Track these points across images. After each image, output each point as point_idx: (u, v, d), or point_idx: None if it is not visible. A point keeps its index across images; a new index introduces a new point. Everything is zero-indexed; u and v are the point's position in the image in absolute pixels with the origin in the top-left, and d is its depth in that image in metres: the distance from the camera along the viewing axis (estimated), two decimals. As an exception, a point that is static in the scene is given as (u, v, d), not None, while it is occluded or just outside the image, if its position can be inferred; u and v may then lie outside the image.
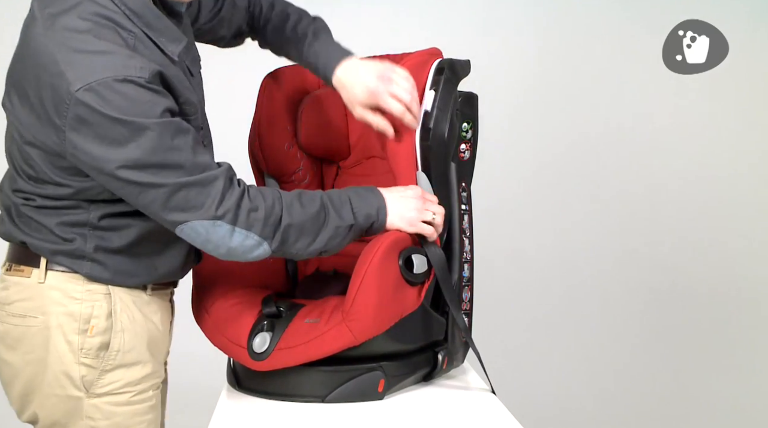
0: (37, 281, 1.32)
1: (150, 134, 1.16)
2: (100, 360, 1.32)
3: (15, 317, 1.33)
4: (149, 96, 1.17)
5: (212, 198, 1.22)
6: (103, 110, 1.14)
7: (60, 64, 1.16)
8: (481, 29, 3.29)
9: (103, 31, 1.20)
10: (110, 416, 1.34)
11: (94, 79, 1.14)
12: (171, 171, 1.19)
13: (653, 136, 3.35)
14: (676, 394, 3.17)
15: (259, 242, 1.27)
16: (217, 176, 1.23)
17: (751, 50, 3.22)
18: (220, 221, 1.23)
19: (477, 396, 1.51)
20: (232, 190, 1.25)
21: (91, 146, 1.17)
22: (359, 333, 1.38)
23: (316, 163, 1.75)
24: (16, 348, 1.34)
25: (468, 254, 1.58)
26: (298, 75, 1.71)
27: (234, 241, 1.25)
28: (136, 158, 1.17)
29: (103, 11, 1.21)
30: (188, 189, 1.20)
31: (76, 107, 1.15)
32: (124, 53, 1.19)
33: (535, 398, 2.94)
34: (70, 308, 1.31)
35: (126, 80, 1.15)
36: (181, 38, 1.31)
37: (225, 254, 1.28)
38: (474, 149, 1.61)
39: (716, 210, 3.36)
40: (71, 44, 1.17)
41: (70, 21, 1.19)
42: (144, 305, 1.38)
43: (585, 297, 3.33)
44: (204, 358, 1.63)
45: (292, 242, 1.30)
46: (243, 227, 1.25)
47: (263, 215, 1.26)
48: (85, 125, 1.16)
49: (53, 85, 1.17)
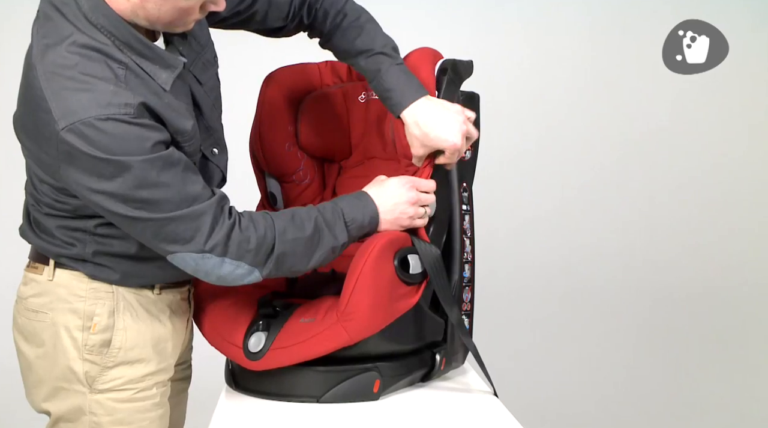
0: (47, 279, 1.36)
1: (134, 172, 1.17)
2: (102, 357, 1.35)
3: (30, 312, 1.38)
4: (137, 131, 1.17)
5: (201, 232, 1.22)
6: (86, 150, 1.15)
7: (48, 101, 1.17)
8: (482, 29, 3.29)
9: (90, 64, 1.19)
10: (112, 412, 1.36)
11: (78, 118, 1.15)
12: (158, 206, 1.20)
13: (654, 136, 3.35)
14: (679, 397, 3.16)
15: (250, 270, 1.28)
16: (205, 211, 1.23)
17: (751, 50, 3.22)
18: (209, 254, 1.24)
19: (475, 397, 1.50)
20: (222, 223, 1.25)
21: (80, 178, 1.18)
22: (354, 333, 1.38)
23: (318, 162, 1.75)
24: (31, 342, 1.38)
25: (469, 254, 1.58)
26: (298, 75, 1.71)
27: (224, 270, 1.26)
28: (123, 193, 1.18)
29: (92, 43, 1.20)
30: (176, 223, 1.21)
31: (62, 144, 1.16)
32: (109, 90, 1.18)
33: (536, 399, 2.93)
34: (74, 305, 1.35)
35: (109, 119, 1.15)
36: (175, 64, 1.29)
37: (215, 281, 1.29)
38: (476, 149, 1.60)
39: (717, 211, 3.36)
40: (58, 81, 1.18)
41: (59, 55, 1.19)
42: (150, 304, 1.40)
43: (587, 298, 3.33)
44: (204, 358, 1.62)
45: (286, 267, 1.32)
46: (234, 258, 1.26)
47: (255, 245, 1.27)
48: (73, 160, 1.17)
49: (44, 120, 1.18)
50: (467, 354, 1.62)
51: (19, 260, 1.48)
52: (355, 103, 1.71)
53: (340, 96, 1.71)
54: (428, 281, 1.44)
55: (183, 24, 1.28)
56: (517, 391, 1.95)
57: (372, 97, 1.69)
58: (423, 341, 1.51)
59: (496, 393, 1.50)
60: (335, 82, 1.74)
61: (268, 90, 1.68)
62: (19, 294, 1.41)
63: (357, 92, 1.71)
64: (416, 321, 1.48)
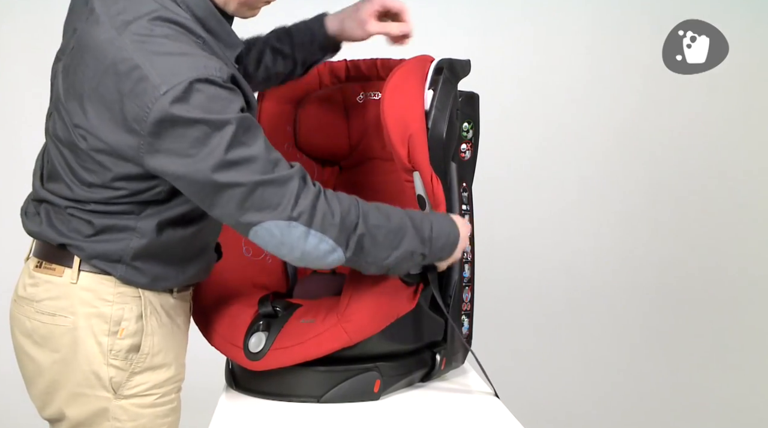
0: (69, 281, 1.32)
1: (229, 129, 1.16)
2: (129, 362, 1.34)
3: (44, 315, 1.33)
4: (227, 94, 1.18)
5: (288, 198, 1.20)
6: (186, 113, 1.14)
7: (142, 68, 1.16)
8: (482, 29, 3.28)
9: (178, 35, 1.21)
10: (136, 418, 1.35)
11: (179, 80, 1.15)
12: (248, 167, 1.18)
13: (654, 136, 3.35)
14: (679, 397, 3.16)
15: (333, 247, 1.24)
16: (292, 176, 1.21)
17: (751, 50, 3.22)
18: (295, 222, 1.20)
19: (475, 398, 1.51)
20: (307, 190, 1.22)
21: (172, 146, 1.17)
22: (354, 334, 1.38)
23: (317, 163, 1.75)
24: (43, 346, 1.34)
25: (468, 254, 1.58)
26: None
27: (309, 244, 1.22)
28: (217, 155, 1.16)
29: (175, 17, 1.22)
30: (264, 187, 1.19)
31: (159, 110, 1.14)
32: (203, 54, 1.20)
33: (537, 399, 2.93)
34: (101, 309, 1.32)
35: (208, 80, 1.16)
36: (239, 44, 1.33)
37: (299, 258, 1.24)
38: (475, 148, 1.60)
39: (718, 211, 3.36)
40: (151, 48, 1.17)
41: (145, 27, 1.19)
42: (170, 308, 1.40)
43: (587, 298, 3.33)
44: (204, 358, 1.62)
45: (364, 255, 1.28)
46: (318, 230, 1.22)
47: (339, 219, 1.23)
48: (166, 126, 1.15)
49: (135, 90, 1.16)
50: (467, 354, 1.62)
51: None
52: (354, 103, 1.71)
53: (338, 96, 1.72)
54: (428, 282, 1.44)
55: (255, 6, 1.33)
56: (517, 391, 1.95)
57: (370, 97, 1.69)
58: (423, 341, 1.51)
59: (496, 393, 1.50)
60: (333, 82, 1.74)
61: (266, 91, 1.68)
62: (26, 296, 1.37)
63: (355, 93, 1.72)
64: (416, 321, 1.48)
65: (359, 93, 1.71)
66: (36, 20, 3.03)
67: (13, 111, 3.07)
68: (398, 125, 1.44)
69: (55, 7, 2.97)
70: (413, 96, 1.47)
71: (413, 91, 1.47)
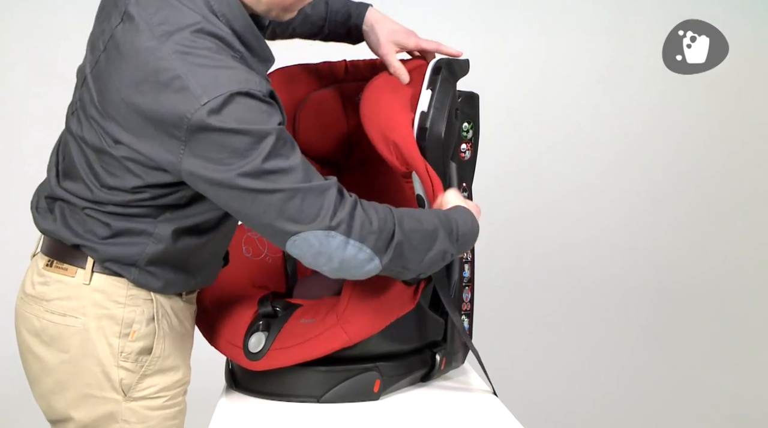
0: (81, 282, 1.32)
1: (270, 140, 1.17)
2: (139, 365, 1.33)
3: (54, 315, 1.33)
4: (267, 107, 1.19)
5: (326, 208, 1.20)
6: (225, 124, 1.15)
7: (183, 78, 1.16)
8: (482, 29, 3.28)
9: (218, 48, 1.21)
10: (145, 420, 1.35)
11: (219, 92, 1.15)
12: (287, 175, 1.19)
13: (654, 136, 3.35)
14: (679, 397, 3.16)
15: (371, 256, 1.23)
16: (330, 187, 1.22)
17: (751, 50, 3.22)
18: (334, 232, 1.20)
19: (476, 397, 1.51)
20: (345, 200, 1.23)
21: (210, 154, 1.17)
22: (353, 334, 1.38)
23: (317, 164, 1.75)
24: (51, 346, 1.34)
25: (468, 254, 1.58)
26: (296, 76, 1.70)
27: (347, 253, 1.22)
28: (255, 164, 1.16)
29: (216, 31, 1.22)
30: (303, 195, 1.19)
31: (198, 120, 1.15)
32: (243, 68, 1.21)
33: (537, 399, 2.93)
34: (112, 311, 1.31)
35: (248, 94, 1.17)
36: (271, 58, 1.34)
37: (337, 268, 1.24)
38: (475, 148, 1.60)
39: (718, 211, 3.36)
40: (194, 60, 1.18)
41: (187, 38, 1.19)
42: (179, 311, 1.40)
43: (587, 298, 3.33)
44: (204, 358, 1.63)
45: (402, 261, 1.27)
46: (357, 239, 1.22)
47: (377, 228, 1.23)
48: (206, 136, 1.16)
49: (176, 100, 1.16)
50: (467, 354, 1.63)
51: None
52: (353, 103, 1.71)
53: (338, 97, 1.71)
54: (428, 281, 1.44)
55: (296, 8, 1.33)
56: (517, 391, 1.95)
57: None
58: (423, 340, 1.52)
59: (495, 392, 1.50)
60: (333, 83, 1.74)
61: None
62: (35, 294, 1.35)
63: (355, 93, 1.71)
64: (416, 321, 1.48)
65: (359, 93, 1.71)
66: (36, 20, 3.03)
67: (14, 111, 3.07)
68: (381, 140, 1.45)
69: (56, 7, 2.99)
70: (390, 105, 1.48)
71: (390, 100, 1.49)
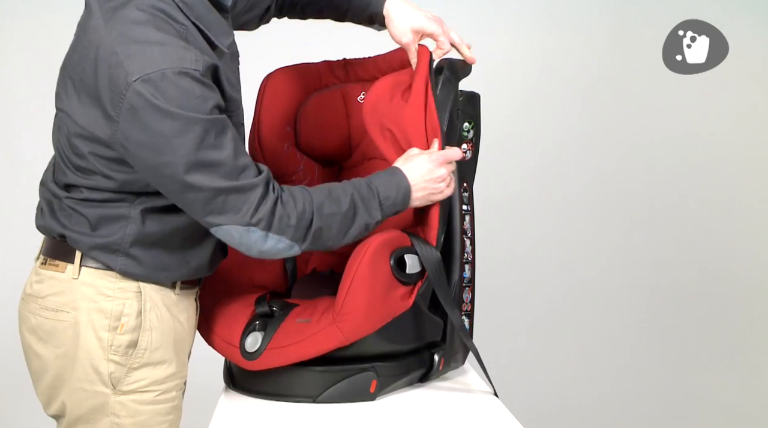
0: (70, 277, 1.34)
1: (197, 130, 1.18)
2: (127, 358, 1.34)
3: (48, 311, 1.35)
4: (201, 90, 1.20)
5: (248, 205, 1.25)
6: (157, 102, 1.16)
7: (119, 54, 1.18)
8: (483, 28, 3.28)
9: (160, 22, 1.22)
10: (135, 414, 1.36)
11: (152, 70, 1.16)
12: (214, 171, 1.21)
13: (654, 135, 3.34)
14: (679, 396, 3.16)
15: (290, 245, 1.31)
16: (257, 184, 1.26)
17: (751, 50, 3.22)
18: (254, 228, 1.26)
19: (474, 398, 1.50)
20: (267, 197, 1.27)
21: (140, 137, 1.19)
22: (349, 334, 1.38)
23: (318, 164, 1.75)
24: (47, 341, 1.36)
25: (469, 254, 1.58)
26: (297, 76, 1.70)
27: (267, 245, 1.29)
28: (182, 154, 1.19)
29: (158, 3, 1.23)
30: (227, 194, 1.23)
31: (131, 97, 1.17)
32: (180, 45, 1.21)
33: (537, 399, 2.93)
34: (101, 304, 1.33)
35: (182, 73, 1.18)
36: (230, 32, 1.34)
37: (257, 255, 1.31)
38: (476, 148, 1.60)
39: (718, 211, 3.36)
40: (131, 35, 1.20)
41: (130, 13, 1.21)
42: (172, 304, 1.40)
43: (588, 298, 3.33)
44: (204, 358, 1.63)
45: (322, 242, 1.34)
46: (276, 233, 1.28)
47: (295, 221, 1.30)
48: (137, 116, 1.18)
49: (111, 75, 1.19)
50: (467, 355, 1.62)
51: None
52: (355, 103, 1.71)
53: (339, 97, 1.71)
54: (425, 281, 1.44)
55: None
56: (517, 391, 1.95)
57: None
58: (421, 341, 1.51)
59: (496, 393, 1.50)
60: (334, 82, 1.73)
61: (267, 91, 1.68)
62: (32, 292, 1.38)
63: (356, 93, 1.71)
64: (414, 321, 1.48)
65: (360, 93, 1.71)
66: (36, 20, 3.03)
67: (14, 111, 3.07)
68: (379, 132, 1.49)
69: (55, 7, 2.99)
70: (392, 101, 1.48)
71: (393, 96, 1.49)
